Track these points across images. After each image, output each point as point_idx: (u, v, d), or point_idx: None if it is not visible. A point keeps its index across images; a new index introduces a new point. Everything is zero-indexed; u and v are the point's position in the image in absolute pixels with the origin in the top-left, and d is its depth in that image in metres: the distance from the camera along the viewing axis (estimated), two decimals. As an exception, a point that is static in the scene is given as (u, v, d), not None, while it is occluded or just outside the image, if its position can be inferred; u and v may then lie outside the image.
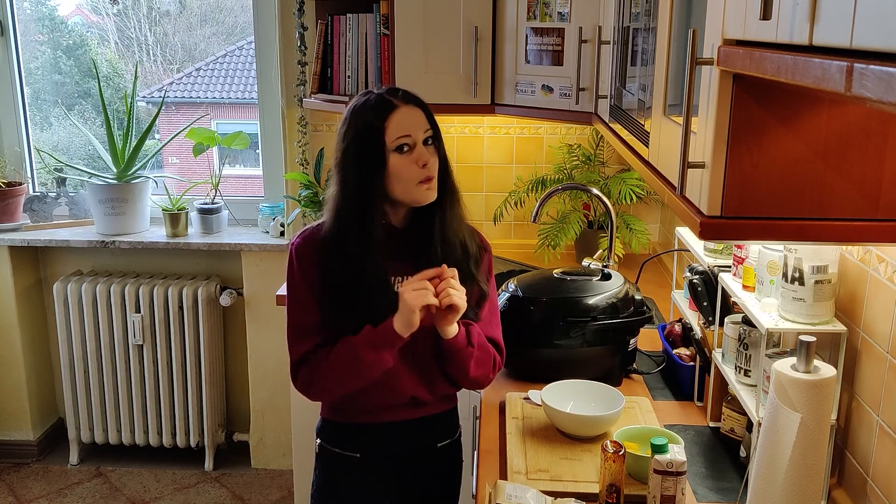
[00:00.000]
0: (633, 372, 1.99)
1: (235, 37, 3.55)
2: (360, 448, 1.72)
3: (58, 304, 3.18)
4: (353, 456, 1.72)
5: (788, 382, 1.19)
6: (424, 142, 1.56)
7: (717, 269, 1.76)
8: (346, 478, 1.74)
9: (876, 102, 0.57)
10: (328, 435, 1.75)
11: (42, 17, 3.46)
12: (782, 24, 0.78)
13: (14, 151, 3.31)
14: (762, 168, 1.00)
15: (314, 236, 1.63)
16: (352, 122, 1.57)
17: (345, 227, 1.58)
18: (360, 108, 1.56)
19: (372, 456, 1.72)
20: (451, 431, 1.80)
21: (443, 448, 1.77)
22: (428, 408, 1.72)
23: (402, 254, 1.63)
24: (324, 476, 1.77)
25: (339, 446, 1.73)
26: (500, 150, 3.08)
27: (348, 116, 1.58)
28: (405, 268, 1.63)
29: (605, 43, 2.15)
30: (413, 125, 1.55)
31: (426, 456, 1.76)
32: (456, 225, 1.65)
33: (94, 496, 3.14)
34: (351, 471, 1.73)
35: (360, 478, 1.73)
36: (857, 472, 1.41)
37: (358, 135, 1.55)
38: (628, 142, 1.70)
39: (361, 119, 1.55)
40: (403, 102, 1.56)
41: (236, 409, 3.45)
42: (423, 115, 1.57)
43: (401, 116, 1.54)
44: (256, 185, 3.40)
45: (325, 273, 1.60)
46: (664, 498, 1.37)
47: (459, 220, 1.66)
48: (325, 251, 1.60)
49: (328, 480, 1.77)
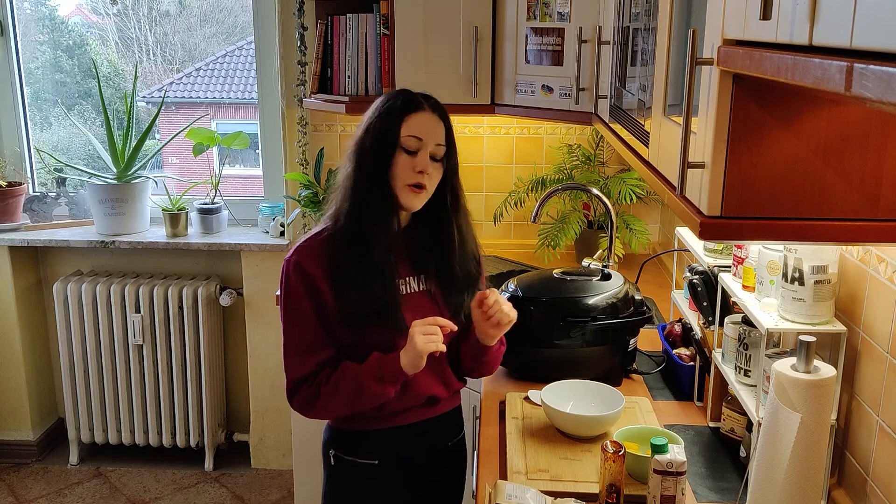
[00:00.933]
0: (633, 372, 1.99)
1: (235, 37, 3.55)
2: (377, 454, 1.70)
3: (58, 304, 3.18)
4: (370, 463, 1.70)
5: (788, 382, 1.19)
6: (433, 155, 1.58)
7: (717, 269, 1.76)
8: (361, 485, 1.73)
9: (876, 102, 0.57)
10: (342, 444, 1.72)
11: (42, 17, 3.46)
12: (782, 24, 0.78)
13: (14, 151, 3.31)
14: (762, 168, 1.00)
15: (317, 243, 1.61)
16: (380, 109, 1.61)
17: (357, 214, 1.58)
18: (393, 98, 1.61)
19: (389, 461, 1.71)
20: (458, 429, 1.82)
21: (452, 446, 1.80)
22: (441, 406, 1.73)
23: (404, 257, 1.65)
24: (338, 485, 1.75)
25: (354, 455, 1.71)
26: (500, 150, 3.08)
27: (379, 104, 1.62)
28: (407, 270, 1.65)
29: (605, 43, 2.15)
30: (428, 131, 1.58)
31: (436, 456, 1.77)
32: (471, 242, 1.69)
33: (94, 496, 3.14)
34: (367, 478, 1.72)
35: (375, 484, 1.72)
36: (857, 472, 1.41)
37: (378, 123, 1.59)
38: (628, 142, 1.70)
39: (389, 107, 1.60)
40: (430, 109, 1.60)
41: (236, 409, 3.45)
42: (442, 129, 1.60)
43: (422, 118, 1.58)
44: (256, 185, 3.40)
45: (337, 273, 1.58)
46: (664, 498, 1.37)
47: (473, 240, 1.70)
48: (334, 250, 1.59)
49: (343, 489, 1.75)
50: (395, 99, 1.60)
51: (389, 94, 1.64)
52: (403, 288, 1.64)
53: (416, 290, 1.66)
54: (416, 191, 1.57)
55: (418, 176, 1.56)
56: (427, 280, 1.66)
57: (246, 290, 3.19)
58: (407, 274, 1.65)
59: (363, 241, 1.57)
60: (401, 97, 1.61)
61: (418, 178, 1.56)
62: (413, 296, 1.65)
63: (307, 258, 1.59)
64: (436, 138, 1.58)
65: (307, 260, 1.59)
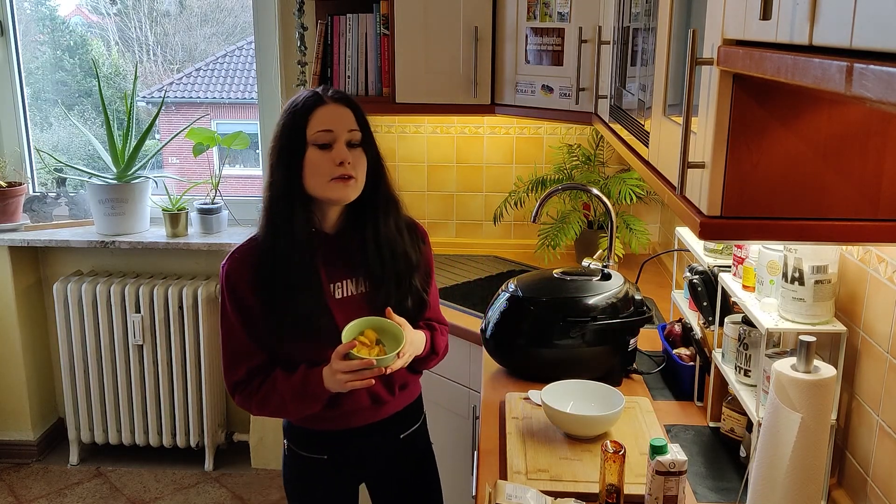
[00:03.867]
0: (633, 372, 1.99)
1: (235, 37, 3.55)
2: (326, 451, 1.73)
3: (58, 305, 3.18)
4: (320, 458, 1.74)
5: (788, 382, 1.19)
6: (349, 143, 1.56)
7: (717, 269, 1.76)
8: (313, 476, 1.76)
9: (876, 102, 0.57)
10: (294, 438, 1.76)
11: (42, 17, 3.46)
12: (782, 24, 0.78)
13: (14, 151, 3.31)
14: (762, 168, 1.00)
15: (245, 253, 1.60)
16: (282, 118, 1.58)
17: (274, 227, 1.56)
18: (291, 104, 1.58)
19: (338, 457, 1.74)
20: (412, 422, 1.82)
21: (406, 437, 1.80)
22: (390, 406, 1.74)
23: (337, 260, 1.63)
24: (293, 473, 1.79)
25: (305, 450, 1.74)
26: (500, 150, 3.08)
27: (284, 108, 1.59)
28: (341, 273, 1.63)
29: (605, 43, 2.15)
30: (336, 122, 1.55)
31: (390, 446, 1.78)
32: (393, 234, 1.64)
33: (94, 496, 3.14)
34: (318, 470, 1.75)
35: (327, 475, 1.75)
36: (857, 472, 1.41)
37: (284, 129, 1.57)
38: (628, 142, 1.70)
39: (289, 114, 1.57)
40: (332, 100, 1.57)
41: (236, 410, 3.45)
42: (350, 115, 1.57)
43: (325, 112, 1.55)
44: (256, 185, 3.39)
45: (261, 285, 1.57)
46: (667, 498, 1.37)
47: (398, 229, 1.65)
48: (259, 262, 1.58)
49: (297, 477, 1.79)
50: (297, 99, 1.58)
51: (288, 105, 1.59)
52: (339, 292, 1.63)
53: (353, 293, 1.65)
54: (344, 181, 1.54)
55: (340, 168, 1.53)
56: (361, 282, 1.65)
57: (246, 290, 3.19)
58: (341, 278, 1.63)
59: (282, 252, 1.56)
60: (302, 96, 1.58)
61: (340, 169, 1.53)
62: (348, 300, 1.64)
63: (235, 269, 1.59)
64: (346, 125, 1.55)
65: (235, 271, 1.59)
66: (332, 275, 1.62)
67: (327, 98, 1.56)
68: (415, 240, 1.71)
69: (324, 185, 1.54)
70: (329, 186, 1.54)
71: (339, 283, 1.63)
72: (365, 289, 1.65)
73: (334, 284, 1.62)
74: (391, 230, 1.64)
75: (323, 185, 1.54)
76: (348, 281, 1.64)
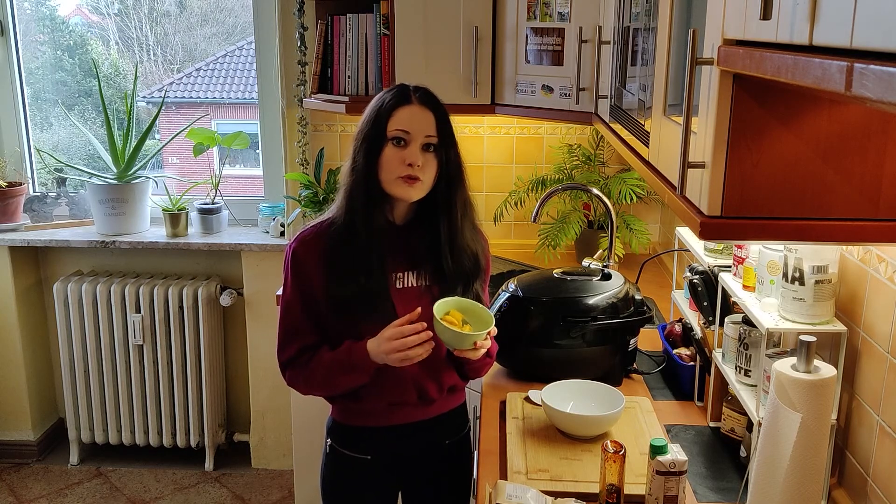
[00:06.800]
0: (634, 372, 1.99)
1: (235, 37, 3.55)
2: (370, 451, 1.73)
3: (58, 305, 3.18)
4: (363, 458, 1.73)
5: (788, 382, 1.19)
6: (424, 146, 1.59)
7: (717, 269, 1.76)
8: (354, 476, 1.76)
9: (876, 102, 0.57)
10: (339, 437, 1.76)
11: (42, 17, 3.46)
12: (782, 23, 0.78)
13: (14, 151, 3.31)
14: (762, 168, 1.00)
15: (315, 234, 1.65)
16: (371, 106, 1.64)
17: (352, 210, 1.62)
18: (381, 96, 1.64)
19: (382, 457, 1.73)
20: (459, 429, 1.81)
21: (451, 445, 1.79)
22: (436, 406, 1.73)
23: (400, 251, 1.66)
24: (334, 472, 1.79)
25: (349, 448, 1.74)
26: (501, 150, 3.08)
27: (374, 100, 1.65)
28: (403, 265, 1.66)
29: (605, 43, 2.15)
30: (415, 124, 1.59)
31: (435, 453, 1.78)
32: (469, 236, 1.69)
33: (95, 496, 3.14)
34: (360, 470, 1.74)
35: (369, 476, 1.75)
36: (858, 472, 1.41)
37: (369, 118, 1.62)
38: (628, 142, 1.70)
39: (377, 105, 1.62)
40: (418, 101, 1.61)
41: (236, 410, 3.45)
42: (431, 120, 1.60)
43: (408, 112, 1.59)
44: (256, 185, 3.40)
45: (329, 262, 1.62)
46: (667, 498, 1.37)
47: (472, 234, 1.70)
48: (331, 242, 1.62)
49: (338, 477, 1.78)
50: (386, 94, 1.63)
51: (387, 89, 1.66)
52: (399, 282, 1.65)
53: (413, 285, 1.67)
54: (409, 182, 1.58)
55: (408, 168, 1.57)
56: (424, 276, 1.67)
57: (246, 291, 3.19)
58: (403, 269, 1.66)
59: (352, 232, 1.61)
60: (391, 92, 1.63)
61: (408, 169, 1.57)
62: (408, 290, 1.66)
63: (303, 246, 1.64)
64: (424, 129, 1.59)
65: (303, 248, 1.64)
66: (394, 264, 1.65)
67: (414, 98, 1.61)
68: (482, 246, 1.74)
69: (391, 180, 1.59)
70: (395, 183, 1.59)
71: (401, 274, 1.66)
72: (426, 283, 1.67)
73: (395, 274, 1.65)
74: (468, 232, 1.69)
75: (391, 180, 1.59)
76: (410, 273, 1.67)
